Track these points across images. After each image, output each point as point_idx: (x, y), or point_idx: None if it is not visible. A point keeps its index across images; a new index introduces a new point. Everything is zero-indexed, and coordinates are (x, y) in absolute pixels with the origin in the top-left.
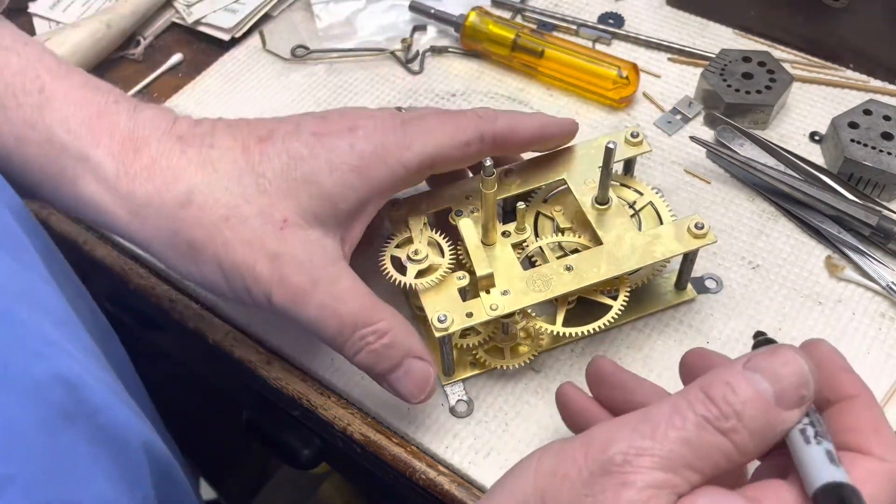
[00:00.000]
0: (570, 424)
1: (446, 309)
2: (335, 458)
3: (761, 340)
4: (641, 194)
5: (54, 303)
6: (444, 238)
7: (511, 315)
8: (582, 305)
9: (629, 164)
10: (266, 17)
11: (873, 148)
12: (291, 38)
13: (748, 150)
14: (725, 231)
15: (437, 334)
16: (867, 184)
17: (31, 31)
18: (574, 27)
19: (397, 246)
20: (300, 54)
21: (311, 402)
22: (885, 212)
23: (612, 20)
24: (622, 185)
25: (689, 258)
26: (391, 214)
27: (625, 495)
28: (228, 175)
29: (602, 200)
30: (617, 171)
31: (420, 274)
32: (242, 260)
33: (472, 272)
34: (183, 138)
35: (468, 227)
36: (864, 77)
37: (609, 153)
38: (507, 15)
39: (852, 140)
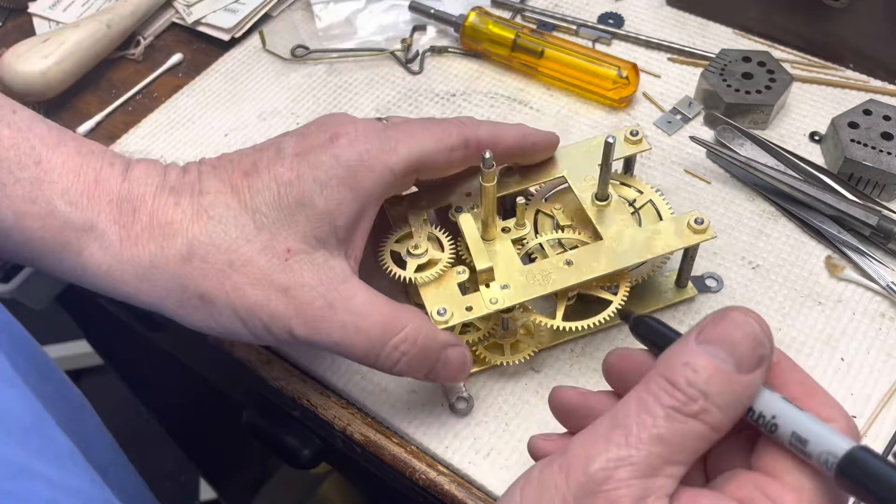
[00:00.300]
0: (567, 426)
1: (446, 303)
2: (335, 458)
3: (635, 319)
4: (641, 192)
5: (19, 409)
6: (443, 233)
7: (511, 310)
8: (582, 303)
9: (629, 163)
10: (266, 17)
11: (873, 148)
12: (291, 38)
13: (748, 150)
14: (725, 231)
15: (438, 326)
16: (867, 184)
17: (31, 32)
18: (574, 27)
19: (397, 241)
20: (300, 54)
21: (311, 402)
22: (885, 212)
23: (612, 20)
24: (622, 183)
25: (689, 255)
26: (391, 210)
27: None
28: (224, 220)
29: (602, 197)
30: (617, 170)
31: (420, 268)
32: (255, 301)
33: (471, 267)
34: (174, 189)
35: (468, 222)
36: (864, 77)
37: (608, 148)
38: (506, 15)
39: (852, 140)
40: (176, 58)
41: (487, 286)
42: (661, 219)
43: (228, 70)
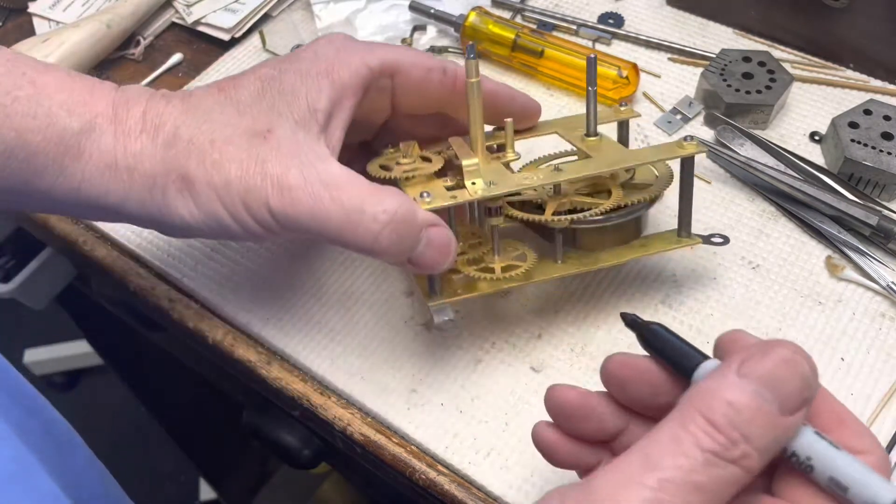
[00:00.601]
0: (564, 426)
1: (430, 191)
2: (335, 458)
3: (643, 328)
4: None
5: (2, 458)
6: (433, 154)
7: (499, 213)
8: (578, 255)
9: (623, 138)
10: (266, 17)
11: (873, 148)
12: (291, 38)
13: (748, 150)
14: (725, 231)
15: (421, 206)
16: (867, 184)
17: (30, 31)
18: (574, 27)
19: (386, 160)
20: None
21: (311, 402)
22: (885, 212)
23: (612, 20)
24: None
25: (686, 197)
26: (384, 152)
27: None
28: (210, 109)
29: (592, 131)
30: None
31: (407, 176)
32: (234, 174)
33: (459, 181)
34: (166, 94)
35: (457, 141)
36: (864, 77)
37: (591, 65)
38: (507, 15)
39: (852, 140)
40: (176, 58)
41: (474, 183)
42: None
43: (228, 70)
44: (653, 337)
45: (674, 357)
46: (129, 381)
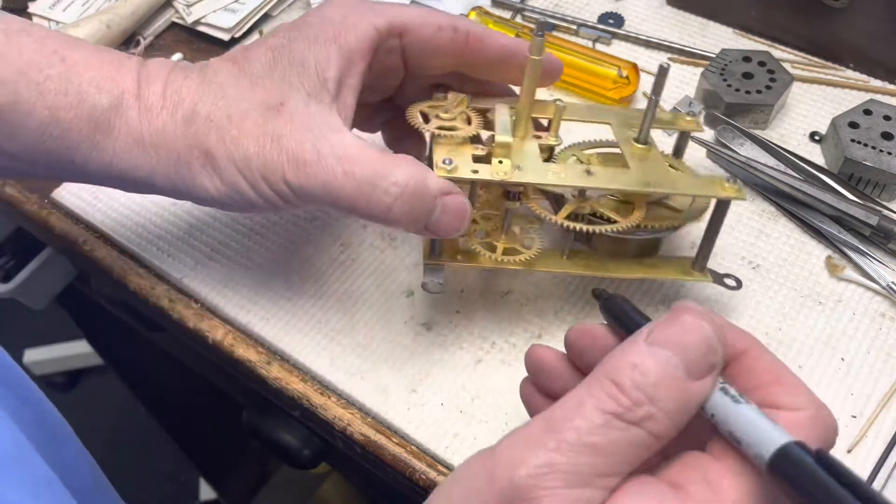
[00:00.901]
0: (536, 382)
1: (455, 158)
2: (335, 458)
3: (606, 297)
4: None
5: (3, 437)
6: (477, 115)
7: (518, 198)
8: (588, 257)
9: (679, 148)
10: (266, 17)
11: (873, 148)
12: None
13: (748, 150)
14: (725, 231)
15: (438, 173)
16: (867, 184)
17: None
18: (574, 27)
19: (430, 107)
20: None
21: (311, 402)
22: (885, 212)
23: (612, 20)
24: (668, 163)
25: (712, 229)
26: (434, 95)
27: None
28: (225, 84)
29: (643, 139)
30: (665, 151)
31: (442, 130)
32: (252, 150)
33: (489, 154)
34: (184, 68)
35: (503, 109)
36: (864, 77)
37: (662, 73)
38: (507, 15)
39: (852, 140)
40: (176, 58)
41: (501, 162)
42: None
43: None
44: (611, 305)
45: (627, 325)
46: (129, 381)
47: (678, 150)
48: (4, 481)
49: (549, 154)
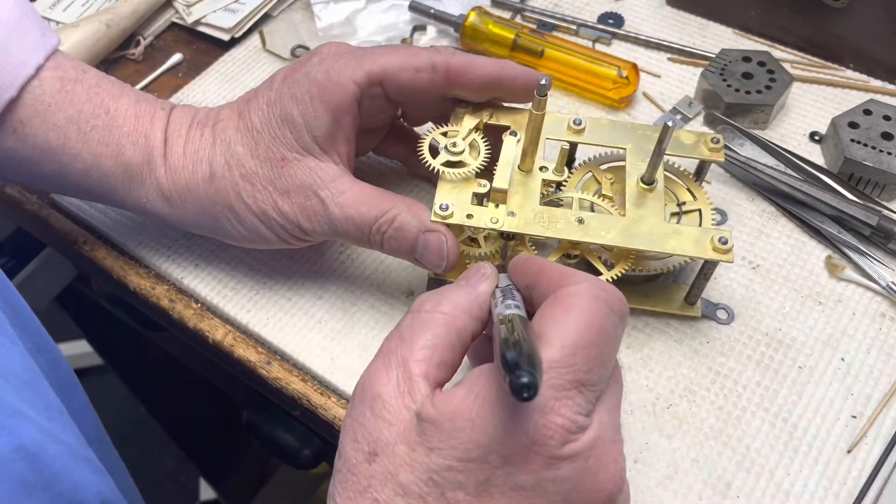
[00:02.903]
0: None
1: (454, 203)
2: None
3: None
4: (695, 199)
5: (17, 364)
6: (486, 145)
7: (512, 237)
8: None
9: (701, 170)
10: (266, 17)
11: (873, 148)
12: (291, 38)
13: (748, 150)
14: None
15: (434, 218)
16: (867, 184)
17: None
18: (574, 27)
19: (443, 134)
20: (300, 54)
21: (311, 402)
22: (885, 212)
23: (612, 20)
24: (684, 184)
25: (704, 273)
26: (455, 109)
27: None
28: (233, 141)
29: (648, 180)
30: (688, 170)
31: (449, 165)
32: (267, 205)
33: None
34: (200, 123)
35: (510, 144)
36: (864, 77)
37: (665, 131)
38: (506, 15)
39: (852, 140)
40: (176, 58)
41: (497, 206)
42: None
43: (228, 70)
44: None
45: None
46: (129, 381)
47: (700, 172)
48: (22, 399)
49: (556, 185)
